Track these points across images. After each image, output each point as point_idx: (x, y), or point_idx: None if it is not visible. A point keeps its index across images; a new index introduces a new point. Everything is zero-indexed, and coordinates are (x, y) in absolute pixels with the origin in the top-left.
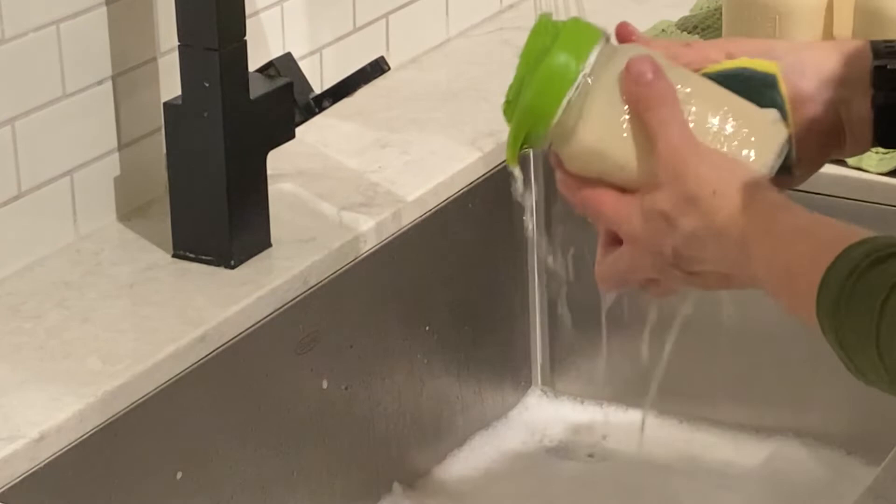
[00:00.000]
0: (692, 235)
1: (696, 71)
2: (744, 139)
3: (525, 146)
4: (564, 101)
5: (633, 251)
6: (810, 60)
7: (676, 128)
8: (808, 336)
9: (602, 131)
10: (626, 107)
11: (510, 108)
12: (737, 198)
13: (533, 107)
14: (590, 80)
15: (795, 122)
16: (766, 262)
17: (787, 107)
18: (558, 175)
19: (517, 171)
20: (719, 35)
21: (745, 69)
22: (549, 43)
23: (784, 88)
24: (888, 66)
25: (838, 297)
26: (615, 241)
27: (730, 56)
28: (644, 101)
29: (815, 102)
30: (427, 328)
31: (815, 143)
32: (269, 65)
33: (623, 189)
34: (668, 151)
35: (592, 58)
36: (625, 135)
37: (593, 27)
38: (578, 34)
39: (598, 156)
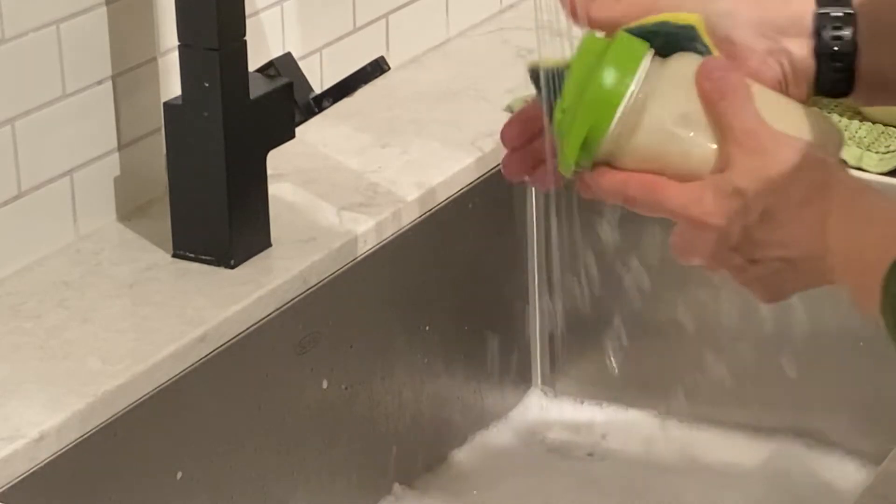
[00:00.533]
0: (767, 214)
1: (618, 27)
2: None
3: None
4: (618, 113)
5: (696, 234)
6: (743, 8)
7: (751, 112)
8: (807, 336)
9: (660, 131)
10: (687, 104)
11: (565, 120)
12: (818, 176)
13: (583, 127)
14: (640, 96)
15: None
16: (841, 243)
17: (716, 54)
18: (601, 178)
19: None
20: None
21: (664, 23)
22: (598, 59)
23: (707, 38)
24: (831, 14)
25: None
26: None
27: (654, 11)
28: (718, 91)
29: (751, 53)
30: (427, 328)
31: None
32: (269, 65)
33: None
34: (744, 133)
35: (642, 70)
36: (686, 130)
37: (639, 41)
38: (628, 51)
39: (658, 152)
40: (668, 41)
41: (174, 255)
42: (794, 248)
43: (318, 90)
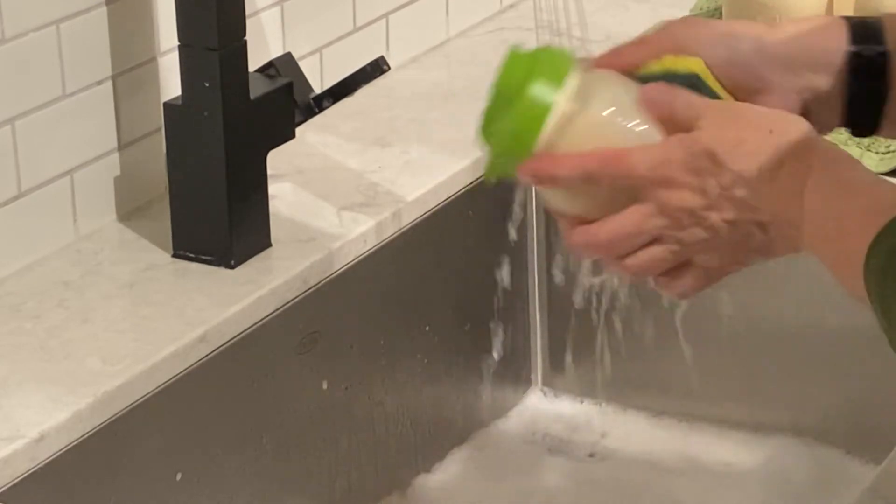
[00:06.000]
0: (741, 176)
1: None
2: None
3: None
4: (542, 131)
5: (668, 196)
6: (772, 45)
7: (698, 96)
8: (808, 336)
9: (596, 127)
10: (622, 97)
11: (487, 134)
12: (795, 139)
13: (514, 139)
14: (571, 107)
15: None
16: (818, 209)
17: (725, 97)
18: (555, 163)
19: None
20: None
21: (668, 72)
22: (525, 73)
23: (713, 81)
24: (864, 53)
25: (888, 262)
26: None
27: (678, 51)
28: (663, 102)
29: (777, 89)
30: (427, 328)
31: None
32: (269, 65)
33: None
34: (711, 105)
35: (571, 84)
36: (623, 120)
37: (566, 54)
38: (554, 62)
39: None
40: None
41: (174, 255)
42: (764, 210)
43: (318, 90)
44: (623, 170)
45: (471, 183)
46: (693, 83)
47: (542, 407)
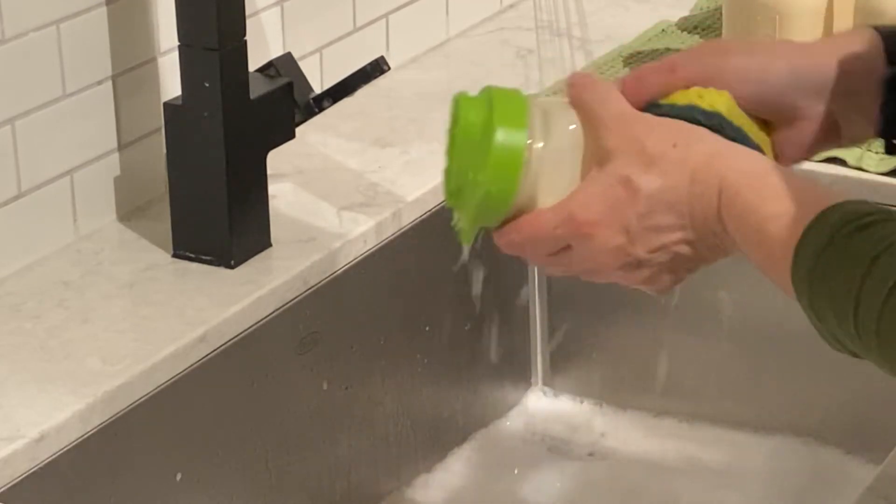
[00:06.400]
0: (656, 196)
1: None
2: None
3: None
4: (520, 178)
5: (590, 244)
6: (805, 74)
7: (616, 100)
8: (808, 336)
9: (561, 188)
10: (580, 155)
11: (458, 195)
12: (701, 148)
13: (492, 194)
14: (539, 146)
15: (791, 131)
16: (738, 218)
17: (750, 131)
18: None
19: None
20: (719, 34)
21: (692, 107)
22: (484, 120)
23: (738, 116)
24: None
25: (815, 264)
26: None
27: (706, 82)
28: (580, 87)
29: (811, 115)
30: (427, 328)
31: (809, 145)
32: (269, 65)
33: None
34: (614, 120)
35: (534, 123)
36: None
37: (517, 92)
38: (510, 104)
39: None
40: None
41: (174, 255)
42: (688, 227)
43: (318, 90)
44: (537, 234)
45: None
46: (716, 123)
47: (542, 407)
